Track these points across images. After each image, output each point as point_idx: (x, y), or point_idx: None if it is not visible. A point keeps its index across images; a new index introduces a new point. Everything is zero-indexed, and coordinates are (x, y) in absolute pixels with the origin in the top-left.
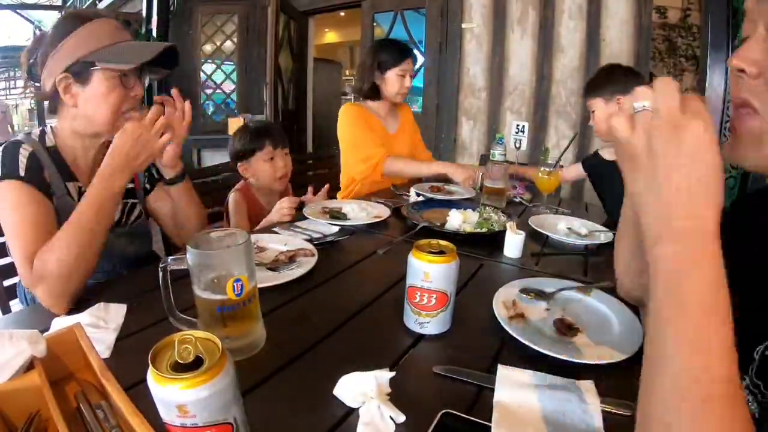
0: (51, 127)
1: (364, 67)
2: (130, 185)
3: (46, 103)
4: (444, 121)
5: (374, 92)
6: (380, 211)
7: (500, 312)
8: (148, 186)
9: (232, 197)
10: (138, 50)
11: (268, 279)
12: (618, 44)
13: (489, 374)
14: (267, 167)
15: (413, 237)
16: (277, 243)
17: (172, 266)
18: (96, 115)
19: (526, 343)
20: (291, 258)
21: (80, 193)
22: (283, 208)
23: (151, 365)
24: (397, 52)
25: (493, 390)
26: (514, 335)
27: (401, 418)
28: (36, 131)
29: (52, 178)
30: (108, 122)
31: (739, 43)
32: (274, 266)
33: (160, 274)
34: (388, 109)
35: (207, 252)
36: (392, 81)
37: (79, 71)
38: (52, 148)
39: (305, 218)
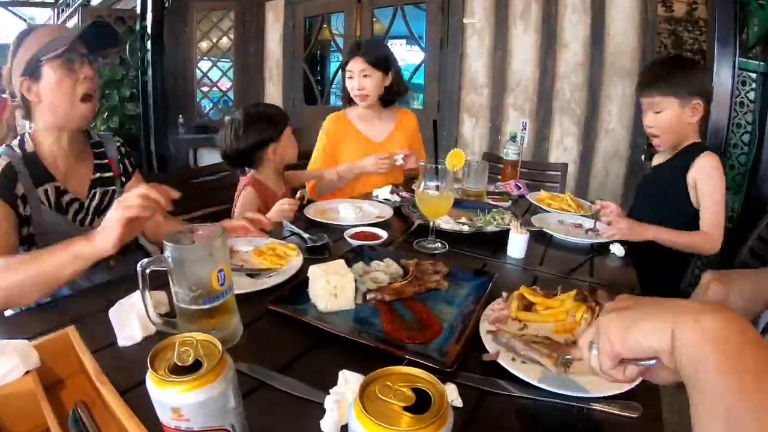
0: (28, 133)
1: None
2: (108, 174)
3: None
4: (445, 119)
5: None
6: (382, 211)
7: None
8: (123, 179)
9: (245, 193)
10: (70, 34)
11: (267, 281)
12: (623, 38)
13: (488, 378)
14: (291, 143)
15: (411, 236)
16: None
17: (150, 267)
18: (56, 103)
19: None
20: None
21: (58, 193)
22: (284, 206)
23: (149, 367)
24: (346, 54)
25: (494, 393)
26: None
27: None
28: (16, 141)
29: (26, 188)
30: (66, 108)
31: (747, 37)
32: (254, 272)
33: (139, 276)
34: (375, 115)
35: (188, 247)
36: (347, 84)
37: (32, 70)
38: (31, 153)
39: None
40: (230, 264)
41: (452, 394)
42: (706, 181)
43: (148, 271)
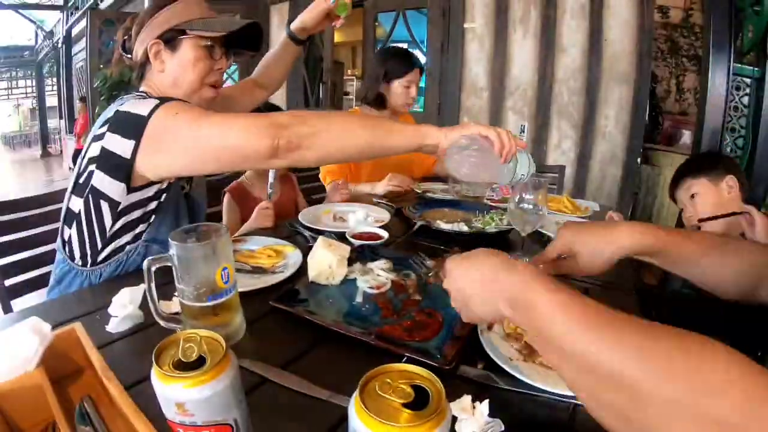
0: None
1: (370, 76)
2: None
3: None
4: (446, 121)
5: (379, 102)
6: (381, 215)
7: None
8: None
9: (224, 201)
10: (226, 23)
11: (268, 279)
12: (620, 44)
13: (487, 372)
14: None
15: (412, 237)
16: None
17: (156, 265)
18: (182, 81)
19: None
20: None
21: None
22: (266, 210)
23: (154, 363)
24: (402, 62)
25: (492, 387)
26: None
27: None
28: None
29: None
30: (192, 88)
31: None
32: (257, 270)
33: (145, 273)
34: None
35: (193, 245)
36: (397, 92)
37: (170, 39)
38: None
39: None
40: (234, 262)
41: (484, 409)
42: None
43: (153, 268)
